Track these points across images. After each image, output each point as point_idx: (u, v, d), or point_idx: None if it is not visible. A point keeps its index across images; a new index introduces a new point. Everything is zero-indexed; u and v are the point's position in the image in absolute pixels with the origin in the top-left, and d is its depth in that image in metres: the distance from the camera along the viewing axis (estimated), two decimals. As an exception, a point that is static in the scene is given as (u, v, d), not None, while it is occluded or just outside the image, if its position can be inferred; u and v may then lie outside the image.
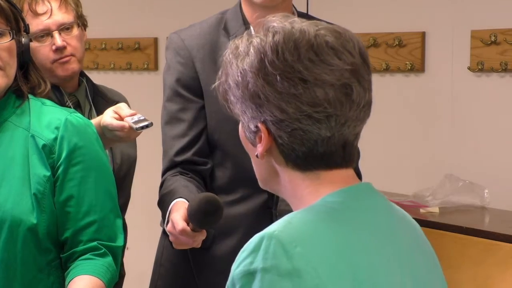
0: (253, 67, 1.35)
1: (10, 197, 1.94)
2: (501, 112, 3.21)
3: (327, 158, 1.37)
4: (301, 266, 1.25)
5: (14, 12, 2.01)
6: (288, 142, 1.35)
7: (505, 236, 2.52)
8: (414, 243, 1.44)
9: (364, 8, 3.54)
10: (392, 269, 1.35)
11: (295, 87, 1.32)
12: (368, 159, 2.82)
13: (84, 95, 2.54)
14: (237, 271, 1.29)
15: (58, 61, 2.44)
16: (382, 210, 1.42)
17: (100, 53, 4.44)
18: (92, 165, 2.00)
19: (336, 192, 1.37)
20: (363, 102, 1.37)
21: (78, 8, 2.52)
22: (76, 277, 1.94)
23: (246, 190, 2.21)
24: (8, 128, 2.00)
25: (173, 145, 2.25)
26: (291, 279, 1.25)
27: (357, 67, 1.36)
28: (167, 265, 2.34)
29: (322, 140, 1.35)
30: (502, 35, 3.15)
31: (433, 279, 1.45)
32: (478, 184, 2.96)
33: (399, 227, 1.43)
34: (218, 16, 2.30)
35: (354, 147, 1.40)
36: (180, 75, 2.26)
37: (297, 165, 1.37)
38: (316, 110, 1.33)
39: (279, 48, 1.34)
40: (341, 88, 1.34)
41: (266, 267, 1.26)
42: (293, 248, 1.26)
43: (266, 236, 1.28)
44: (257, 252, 1.27)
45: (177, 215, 1.97)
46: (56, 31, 2.43)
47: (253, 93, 1.35)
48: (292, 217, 1.32)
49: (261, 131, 1.37)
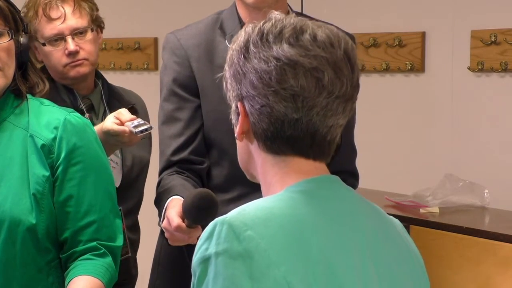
0: (239, 46, 1.43)
1: (9, 197, 1.94)
2: (501, 112, 3.21)
3: (294, 143, 1.41)
4: (251, 247, 1.30)
5: (13, 12, 2.01)
6: (258, 120, 1.41)
7: (505, 236, 2.52)
8: (382, 234, 1.45)
9: (364, 8, 3.54)
10: (351, 253, 1.38)
11: (267, 64, 1.38)
12: (368, 159, 2.82)
13: (99, 97, 2.55)
14: (195, 259, 1.34)
15: (70, 64, 2.46)
16: (346, 199, 1.44)
17: (100, 53, 4.38)
18: (91, 165, 2.00)
19: (300, 182, 1.41)
20: (337, 92, 1.39)
21: (93, 12, 2.53)
22: (76, 277, 1.94)
23: (243, 188, 2.22)
24: (6, 128, 1.99)
25: (169, 145, 2.25)
26: (243, 260, 1.29)
27: (336, 58, 1.40)
28: (165, 265, 2.35)
29: (289, 122, 1.39)
30: (502, 35, 3.14)
31: (402, 271, 1.46)
32: (478, 184, 2.96)
33: (366, 217, 1.45)
34: (214, 16, 2.32)
35: (327, 142, 1.42)
36: (177, 75, 2.27)
37: (267, 146, 1.42)
38: (283, 87, 1.38)
39: (265, 31, 1.41)
40: (312, 70, 1.38)
41: (218, 251, 1.31)
42: (244, 231, 1.31)
43: (218, 222, 1.33)
44: (211, 238, 1.32)
45: (172, 212, 1.98)
46: (69, 36, 2.45)
47: (235, 70, 1.43)
48: (247, 205, 1.37)
49: (240, 111, 1.43)
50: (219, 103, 2.13)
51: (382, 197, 2.97)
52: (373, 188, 3.07)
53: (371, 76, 3.49)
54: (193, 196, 1.92)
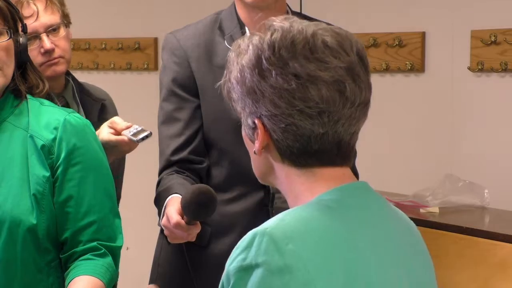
0: (250, 63, 1.38)
1: (9, 197, 1.93)
2: (501, 112, 3.21)
3: (322, 156, 1.39)
4: (292, 262, 1.28)
5: (12, 11, 2.00)
6: (283, 137, 1.38)
7: (505, 236, 2.52)
8: (409, 242, 1.45)
9: (364, 8, 3.54)
10: (386, 267, 1.36)
11: (288, 82, 1.35)
12: (368, 159, 2.82)
13: (71, 95, 2.51)
14: (231, 267, 1.31)
15: (46, 63, 2.40)
16: (377, 209, 1.43)
17: (100, 53, 4.44)
18: (91, 165, 2.00)
19: (331, 190, 1.38)
20: (358, 100, 1.38)
21: (63, 8, 2.47)
22: (76, 278, 1.94)
23: (243, 188, 2.22)
24: (6, 129, 1.99)
25: (169, 145, 2.26)
26: (282, 275, 1.27)
27: (353, 65, 1.38)
28: (165, 265, 2.35)
29: (316, 137, 1.37)
30: (502, 35, 3.14)
31: (429, 278, 1.46)
32: (478, 184, 2.96)
33: (395, 226, 1.44)
34: (213, 16, 2.32)
35: (350, 147, 1.41)
36: (176, 75, 2.27)
37: (292, 161, 1.40)
38: (308, 105, 1.35)
39: (276, 45, 1.37)
40: (334, 84, 1.36)
41: (258, 263, 1.28)
42: (285, 245, 1.28)
43: (259, 233, 1.31)
44: (250, 249, 1.30)
45: (171, 209, 1.98)
46: (44, 34, 2.39)
47: (249, 88, 1.38)
48: (286, 215, 1.34)
49: (258, 127, 1.40)
50: (219, 103, 2.13)
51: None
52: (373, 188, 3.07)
53: (371, 76, 3.46)
54: (192, 192, 1.91)
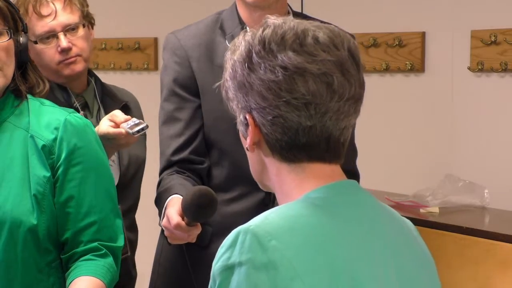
0: (241, 57, 1.40)
1: (10, 198, 1.93)
2: (501, 112, 3.21)
3: (310, 150, 1.39)
4: (276, 258, 1.28)
5: (12, 11, 2.00)
6: (271, 130, 1.39)
7: (505, 236, 2.52)
8: (401, 240, 1.45)
9: (364, 8, 3.54)
10: (374, 263, 1.36)
11: (275, 74, 1.36)
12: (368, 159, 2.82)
13: (92, 95, 2.53)
14: (216, 267, 1.32)
15: (64, 62, 2.43)
16: (366, 206, 1.43)
17: (100, 53, 4.44)
18: (91, 165, 2.00)
19: (319, 188, 1.39)
20: (347, 94, 1.39)
21: (84, 8, 2.50)
22: (77, 278, 1.94)
23: (243, 188, 2.22)
24: (7, 129, 1.99)
25: (169, 145, 2.26)
26: (267, 271, 1.27)
27: (342, 60, 1.38)
28: (166, 265, 2.35)
29: (303, 130, 1.38)
30: (502, 35, 3.14)
31: (421, 276, 1.46)
32: (478, 184, 2.96)
33: (385, 223, 1.44)
34: (215, 16, 2.32)
35: (340, 143, 1.42)
36: (177, 75, 2.27)
37: (282, 156, 1.41)
38: (294, 96, 1.36)
39: (267, 39, 1.39)
40: (322, 77, 1.37)
41: (242, 261, 1.29)
42: (268, 241, 1.29)
43: (242, 231, 1.31)
44: (234, 247, 1.30)
45: (172, 210, 1.98)
46: (61, 32, 2.42)
47: (240, 82, 1.40)
48: (271, 213, 1.35)
49: (249, 122, 1.41)
50: (219, 103, 2.13)
51: (382, 197, 2.97)
52: (373, 188, 3.07)
53: (371, 76, 3.48)
54: (192, 194, 1.91)
